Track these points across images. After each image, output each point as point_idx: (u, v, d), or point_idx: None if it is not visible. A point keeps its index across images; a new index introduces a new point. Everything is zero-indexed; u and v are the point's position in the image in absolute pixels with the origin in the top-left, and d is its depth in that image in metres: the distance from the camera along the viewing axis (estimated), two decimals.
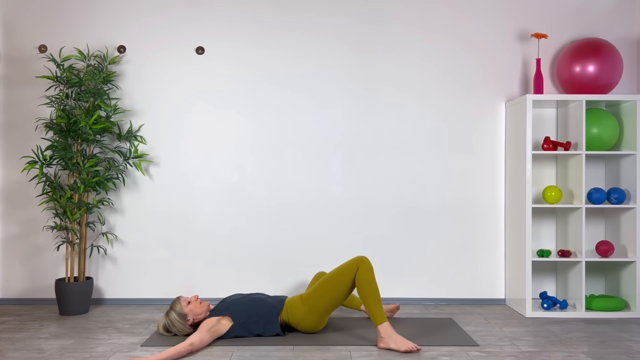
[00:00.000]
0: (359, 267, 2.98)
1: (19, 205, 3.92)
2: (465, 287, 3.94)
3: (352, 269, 2.99)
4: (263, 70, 3.94)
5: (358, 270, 2.97)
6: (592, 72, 3.64)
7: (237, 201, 3.93)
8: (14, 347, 2.93)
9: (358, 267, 2.98)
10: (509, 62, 3.96)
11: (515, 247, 3.75)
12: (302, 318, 3.07)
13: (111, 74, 3.75)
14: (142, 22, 3.94)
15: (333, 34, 3.95)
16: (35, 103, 3.92)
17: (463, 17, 3.96)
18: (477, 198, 3.95)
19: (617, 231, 3.78)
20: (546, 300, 3.60)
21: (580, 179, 3.60)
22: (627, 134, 3.68)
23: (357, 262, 2.99)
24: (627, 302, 3.67)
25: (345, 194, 3.94)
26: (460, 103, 3.95)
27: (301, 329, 3.10)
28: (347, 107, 3.94)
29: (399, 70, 3.95)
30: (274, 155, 3.94)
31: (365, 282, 2.93)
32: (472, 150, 3.95)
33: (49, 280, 3.92)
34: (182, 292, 3.93)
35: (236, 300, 3.12)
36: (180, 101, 3.94)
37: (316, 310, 3.05)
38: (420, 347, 2.86)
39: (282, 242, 3.94)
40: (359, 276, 2.96)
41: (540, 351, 2.87)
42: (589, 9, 3.96)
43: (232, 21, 3.94)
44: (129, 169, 3.93)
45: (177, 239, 3.93)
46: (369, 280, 2.93)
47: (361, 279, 2.95)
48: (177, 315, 3.06)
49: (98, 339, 3.08)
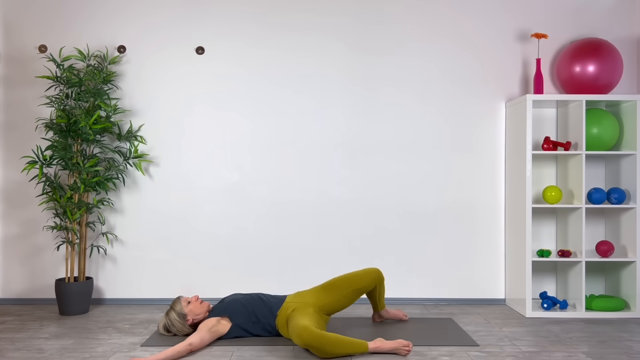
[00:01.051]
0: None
1: (19, 205, 3.92)
2: (465, 287, 3.94)
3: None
4: (263, 70, 3.94)
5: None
6: (592, 72, 3.64)
7: (237, 201, 3.93)
8: (14, 347, 2.93)
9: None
10: (509, 62, 3.96)
11: (515, 247, 3.75)
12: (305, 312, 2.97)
13: (111, 74, 3.75)
14: (142, 22, 3.94)
15: (333, 34, 3.95)
16: (35, 103, 3.92)
17: (463, 17, 3.96)
18: (477, 198, 3.95)
19: (617, 231, 3.78)
20: (546, 300, 3.60)
21: (580, 179, 3.60)
22: (627, 134, 3.68)
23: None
24: (627, 302, 3.67)
25: (345, 194, 3.94)
26: (461, 103, 3.95)
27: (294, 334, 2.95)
28: (347, 107, 3.94)
29: (399, 70, 3.95)
30: (274, 155, 3.94)
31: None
32: (472, 150, 3.95)
33: (49, 280, 3.92)
34: (182, 292, 3.93)
35: (235, 300, 3.11)
36: (180, 101, 3.94)
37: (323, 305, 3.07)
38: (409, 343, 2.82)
39: (282, 242, 3.94)
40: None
41: (540, 351, 2.87)
42: (589, 9, 3.96)
43: (232, 21, 3.94)
44: (129, 169, 3.93)
45: (177, 239, 3.93)
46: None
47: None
48: (177, 315, 3.06)
49: (98, 339, 3.08)
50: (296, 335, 2.73)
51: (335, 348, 2.71)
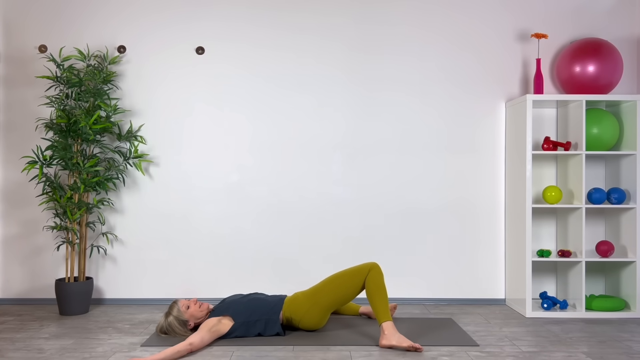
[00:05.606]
0: (371, 270, 3.06)
1: (19, 205, 3.92)
2: (465, 287, 3.94)
3: (363, 271, 3.07)
4: (263, 70, 3.94)
5: (370, 272, 3.05)
6: (592, 72, 3.64)
7: (237, 201, 3.93)
8: (14, 347, 2.93)
9: (370, 270, 3.06)
10: (509, 62, 3.96)
11: (515, 247, 3.75)
12: (305, 313, 3.07)
13: (111, 74, 3.75)
14: (142, 22, 3.94)
15: (333, 34, 3.95)
16: (35, 103, 3.92)
17: (463, 17, 3.96)
18: (477, 198, 3.95)
19: (617, 231, 3.78)
20: (546, 300, 3.60)
21: (580, 179, 3.60)
22: (627, 134, 3.68)
23: (370, 266, 3.08)
24: (627, 302, 3.67)
25: (345, 193, 3.94)
26: (461, 103, 3.95)
27: (303, 325, 3.11)
28: (347, 107, 3.94)
29: (399, 70, 3.95)
30: (274, 155, 3.94)
31: (375, 283, 3.02)
32: (472, 150, 3.95)
33: (49, 280, 3.92)
34: (182, 293, 3.92)
35: (236, 300, 3.12)
36: (180, 101, 3.94)
37: (321, 306, 3.07)
38: (422, 347, 2.86)
39: (282, 242, 3.94)
40: (370, 278, 3.03)
41: (540, 351, 2.87)
42: (589, 9, 3.96)
43: (232, 21, 3.94)
44: (129, 169, 3.93)
45: (177, 239, 3.93)
46: (379, 282, 3.03)
47: (372, 280, 3.03)
48: (178, 322, 3.05)
49: (98, 339, 3.08)
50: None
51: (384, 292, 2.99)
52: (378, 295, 2.99)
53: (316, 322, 3.10)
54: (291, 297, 3.14)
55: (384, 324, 2.93)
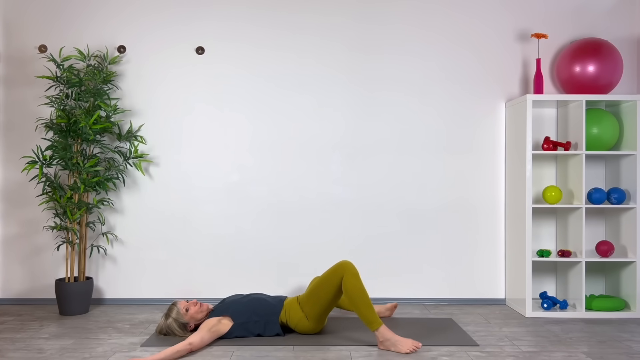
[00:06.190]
0: (344, 275, 2.91)
1: (19, 205, 3.92)
2: (465, 287, 3.94)
3: (337, 276, 2.93)
4: (263, 70, 3.94)
5: (343, 277, 2.91)
6: (592, 72, 3.64)
7: (238, 201, 3.93)
8: (14, 347, 2.93)
9: (342, 275, 2.91)
10: (509, 62, 3.96)
11: (515, 247, 3.75)
12: (299, 321, 3.07)
13: (111, 74, 3.75)
14: (142, 22, 3.94)
15: (333, 34, 3.95)
16: (35, 103, 3.92)
17: (463, 17, 3.96)
18: (477, 198, 3.95)
19: (617, 231, 3.78)
20: (546, 300, 3.60)
21: (580, 179, 3.60)
22: (627, 134, 3.68)
23: (341, 269, 2.93)
24: (627, 302, 3.67)
25: (345, 193, 3.94)
26: (461, 103, 3.95)
27: (299, 330, 3.10)
28: (347, 107, 3.94)
29: (399, 70, 3.95)
30: (274, 155, 3.94)
31: (352, 289, 2.87)
32: (472, 150, 3.95)
33: (49, 280, 3.92)
34: (182, 293, 3.92)
35: (236, 300, 3.12)
36: (180, 101, 3.94)
37: (311, 316, 3.04)
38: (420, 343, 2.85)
39: (282, 242, 3.93)
40: (345, 284, 2.89)
41: (540, 351, 2.87)
42: (589, 9, 3.96)
43: (232, 21, 3.94)
44: (129, 169, 3.93)
45: (177, 239, 3.93)
46: (355, 286, 2.87)
47: (348, 287, 2.88)
48: (177, 325, 3.05)
49: (98, 339, 3.08)
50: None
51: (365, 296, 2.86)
52: (359, 301, 2.85)
53: (312, 328, 3.08)
54: (288, 302, 3.12)
55: (377, 332, 2.85)
